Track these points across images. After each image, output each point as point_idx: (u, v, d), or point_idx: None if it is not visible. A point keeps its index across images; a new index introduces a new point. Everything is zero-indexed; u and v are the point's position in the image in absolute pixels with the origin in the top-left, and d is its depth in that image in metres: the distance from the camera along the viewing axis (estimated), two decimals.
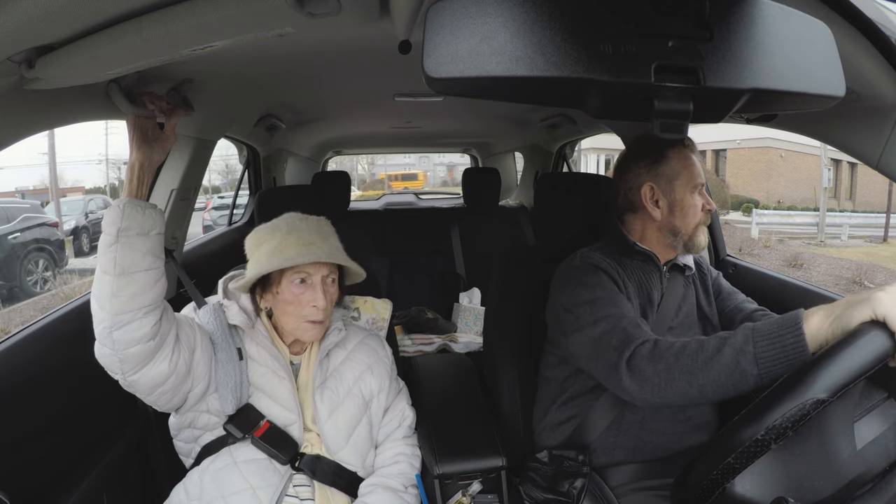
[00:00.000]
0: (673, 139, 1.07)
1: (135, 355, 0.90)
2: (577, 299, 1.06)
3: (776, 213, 13.83)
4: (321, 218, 1.12)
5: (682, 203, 1.10)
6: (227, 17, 0.68)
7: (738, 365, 0.80)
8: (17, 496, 0.89)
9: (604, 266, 1.09)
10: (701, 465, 0.70)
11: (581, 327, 1.02)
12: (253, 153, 2.43)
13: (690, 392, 0.85)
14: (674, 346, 0.89)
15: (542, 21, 0.51)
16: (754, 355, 0.78)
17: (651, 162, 1.12)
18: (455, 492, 1.17)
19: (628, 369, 0.91)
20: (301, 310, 1.05)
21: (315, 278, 1.05)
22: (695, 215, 1.10)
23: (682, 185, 1.10)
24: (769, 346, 0.77)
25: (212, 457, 1.04)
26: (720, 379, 0.82)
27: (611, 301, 1.03)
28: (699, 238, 1.11)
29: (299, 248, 1.02)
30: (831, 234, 12.27)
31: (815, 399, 0.62)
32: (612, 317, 1.00)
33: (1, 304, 6.61)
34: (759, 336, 0.79)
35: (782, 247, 10.78)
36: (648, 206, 1.12)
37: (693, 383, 0.84)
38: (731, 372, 0.80)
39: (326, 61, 1.30)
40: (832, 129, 0.97)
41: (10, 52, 0.71)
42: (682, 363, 0.86)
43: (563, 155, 2.76)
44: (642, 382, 0.90)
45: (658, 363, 0.88)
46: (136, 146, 0.95)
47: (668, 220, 1.11)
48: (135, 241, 0.89)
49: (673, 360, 0.87)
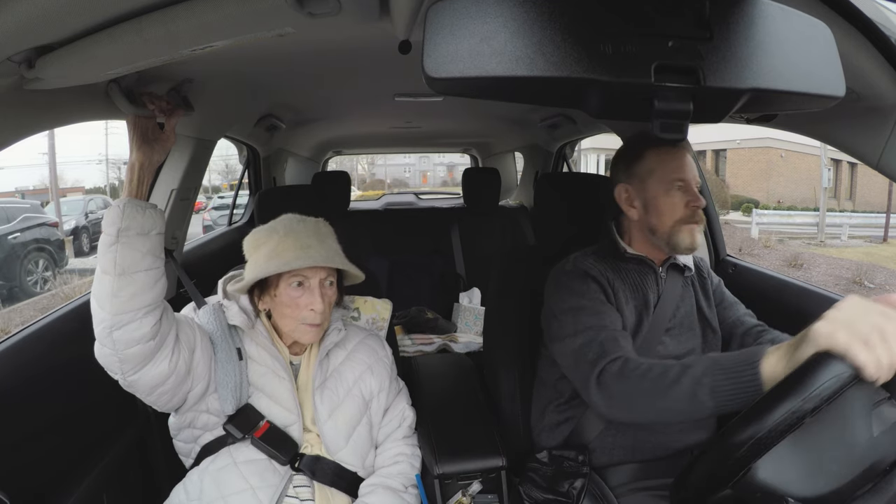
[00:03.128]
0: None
1: (135, 355, 0.90)
2: (563, 305, 1.07)
3: (776, 213, 13.83)
4: (319, 220, 1.11)
5: (656, 201, 1.08)
6: (227, 17, 0.68)
7: (695, 395, 0.81)
8: (17, 496, 0.89)
9: (594, 273, 1.09)
10: (701, 465, 0.70)
11: (563, 336, 1.04)
12: (253, 153, 2.43)
13: (649, 414, 0.90)
14: (640, 366, 0.91)
15: (542, 21, 0.51)
16: (711, 388, 0.80)
17: (627, 162, 1.12)
18: (455, 492, 1.17)
19: (598, 384, 0.94)
20: (299, 313, 1.05)
21: (313, 282, 1.05)
22: (672, 213, 1.07)
23: (656, 183, 1.08)
24: (725, 380, 0.79)
25: (211, 457, 1.04)
26: (678, 405, 0.84)
27: (594, 311, 1.04)
28: (681, 237, 1.06)
29: (296, 251, 1.02)
30: (831, 234, 12.27)
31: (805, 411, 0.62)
32: (592, 329, 1.01)
33: (1, 304, 6.61)
34: (718, 369, 0.80)
35: (782, 247, 10.78)
36: (624, 207, 1.12)
37: (652, 406, 0.88)
38: (689, 400, 0.82)
39: (326, 61, 1.30)
40: (832, 129, 0.97)
41: (10, 52, 0.71)
42: (644, 386, 0.89)
43: (563, 155, 2.76)
44: (609, 399, 0.93)
45: (625, 382, 0.91)
46: (136, 146, 0.95)
47: (644, 219, 1.10)
48: (135, 241, 0.89)
49: (637, 381, 0.90)
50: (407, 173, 30.83)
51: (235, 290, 1.08)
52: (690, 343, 1.13)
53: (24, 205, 9.12)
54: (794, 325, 0.96)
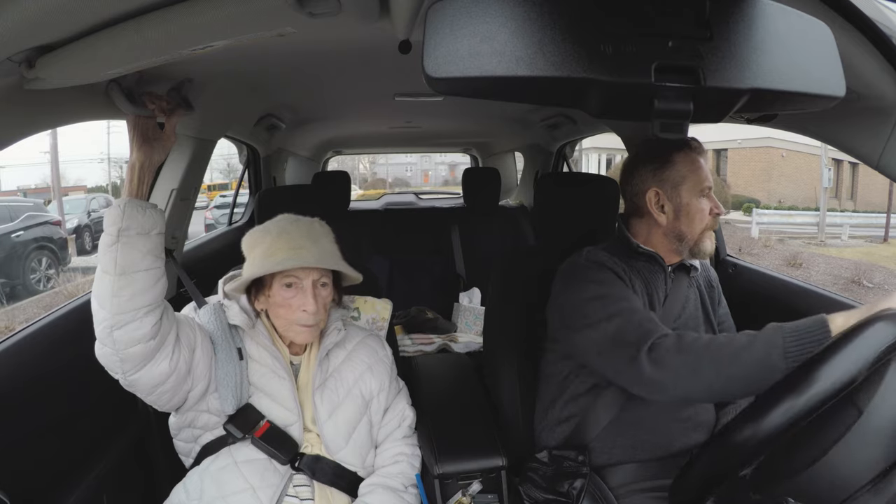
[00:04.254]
0: (675, 139, 1.07)
1: (135, 355, 0.90)
2: (584, 295, 1.05)
3: (777, 212, 13.80)
4: (314, 220, 1.11)
5: (689, 208, 1.09)
6: (227, 17, 0.68)
7: (768, 358, 0.81)
8: (17, 496, 0.89)
9: (609, 264, 1.09)
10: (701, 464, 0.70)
11: (593, 323, 1.02)
12: (253, 153, 2.43)
13: (716, 384, 0.87)
14: (701, 337, 0.92)
15: (543, 21, 0.51)
16: (783, 349, 0.80)
17: (657, 166, 1.11)
18: (455, 492, 1.17)
19: (650, 361, 0.92)
20: (291, 314, 1.05)
21: (305, 283, 1.04)
22: (702, 220, 1.09)
23: (689, 190, 1.09)
24: (797, 341, 0.80)
25: (212, 457, 1.04)
26: (749, 371, 0.84)
27: (621, 296, 1.03)
28: (706, 244, 1.10)
29: (288, 252, 1.01)
30: (832, 234, 12.25)
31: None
32: (625, 311, 1.00)
33: (5, 302, 6.62)
34: (788, 332, 0.82)
35: (782, 246, 10.76)
36: (654, 212, 1.11)
37: (721, 374, 0.86)
38: (760, 365, 0.82)
39: (326, 61, 1.30)
40: (832, 129, 0.97)
41: (11, 52, 0.71)
42: (711, 354, 0.88)
43: (564, 155, 2.76)
44: (665, 373, 0.91)
45: (686, 354, 0.90)
46: (136, 146, 0.95)
47: (673, 225, 1.10)
48: (135, 240, 0.89)
49: (702, 350, 0.89)
50: (408, 172, 30.83)
51: (232, 289, 1.08)
52: None
53: (27, 203, 9.12)
54: None
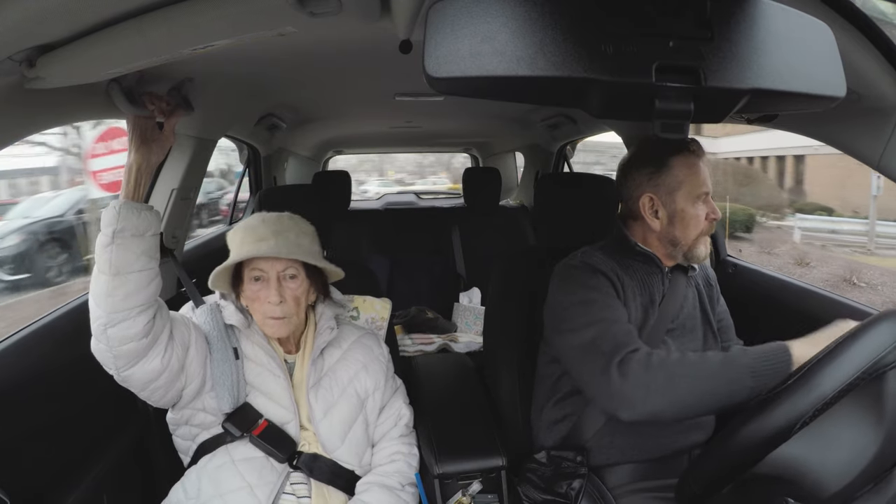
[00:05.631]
0: (674, 141, 1.07)
1: (128, 352, 0.92)
2: (572, 298, 1.06)
3: (820, 218, 12.65)
4: (284, 214, 1.12)
5: (683, 214, 1.07)
6: (228, 17, 0.68)
7: (738, 376, 0.86)
8: (17, 496, 0.89)
9: (603, 268, 1.08)
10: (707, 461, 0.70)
11: (573, 329, 1.02)
12: (253, 153, 2.43)
13: (689, 399, 0.90)
14: (671, 355, 0.93)
15: (544, 21, 0.51)
16: (752, 369, 0.86)
17: (652, 171, 1.09)
18: (455, 492, 1.17)
19: (619, 374, 0.92)
20: (261, 306, 1.07)
21: (270, 274, 1.06)
22: (696, 226, 1.08)
23: (684, 196, 1.07)
24: (763, 362, 0.86)
25: (209, 455, 1.04)
26: (719, 388, 0.88)
27: (605, 305, 1.03)
28: (700, 249, 1.09)
29: (249, 245, 1.04)
30: (883, 245, 10.87)
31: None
32: (604, 321, 1.00)
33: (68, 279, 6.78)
34: (755, 353, 0.88)
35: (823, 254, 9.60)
36: (647, 217, 1.10)
37: (695, 390, 0.89)
38: (730, 382, 0.87)
39: (327, 61, 1.30)
40: (832, 130, 0.97)
41: (11, 51, 0.71)
42: (685, 370, 0.90)
43: (564, 155, 2.76)
44: (634, 387, 0.91)
45: (657, 371, 0.91)
46: (134, 147, 0.95)
47: (667, 230, 1.09)
48: (130, 242, 0.89)
49: (675, 367, 0.91)
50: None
51: (212, 286, 1.10)
52: (691, 345, 1.12)
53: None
54: (793, 325, 0.96)
